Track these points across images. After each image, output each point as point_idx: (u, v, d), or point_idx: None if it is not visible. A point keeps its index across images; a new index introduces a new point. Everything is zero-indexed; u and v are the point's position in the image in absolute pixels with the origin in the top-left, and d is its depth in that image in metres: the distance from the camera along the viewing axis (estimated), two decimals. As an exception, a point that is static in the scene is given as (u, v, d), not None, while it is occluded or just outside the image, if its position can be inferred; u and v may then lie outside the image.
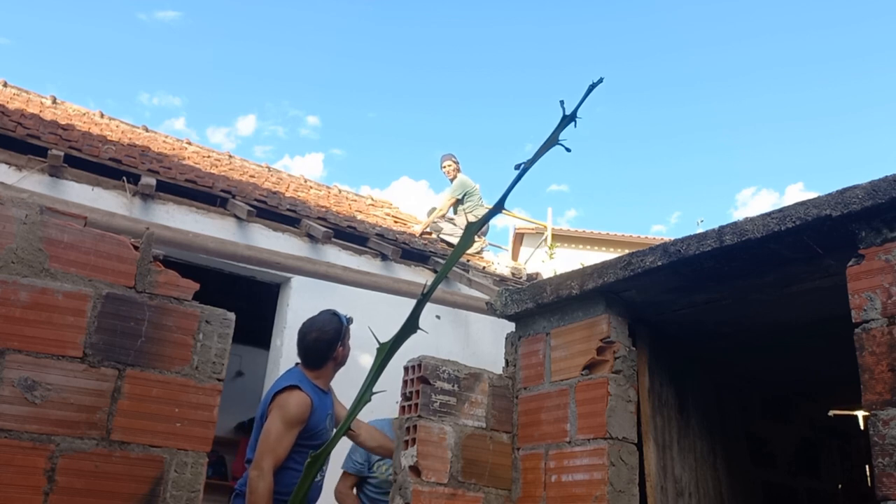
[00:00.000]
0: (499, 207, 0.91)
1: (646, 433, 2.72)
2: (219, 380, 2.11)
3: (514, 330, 3.07)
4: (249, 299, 6.30)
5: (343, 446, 3.66)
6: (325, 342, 3.16)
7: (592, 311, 2.72)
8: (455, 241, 8.36)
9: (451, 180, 8.87)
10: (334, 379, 3.29)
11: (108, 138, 6.91)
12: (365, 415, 3.66)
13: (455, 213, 8.70)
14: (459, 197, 8.56)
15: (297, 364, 3.22)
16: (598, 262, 2.75)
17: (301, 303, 5.73)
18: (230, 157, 9.25)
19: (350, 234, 6.56)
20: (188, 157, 7.80)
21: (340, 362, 3.24)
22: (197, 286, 2.15)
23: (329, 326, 3.18)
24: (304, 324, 3.24)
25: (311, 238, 6.15)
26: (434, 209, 8.83)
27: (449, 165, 8.89)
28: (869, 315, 2.01)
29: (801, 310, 2.66)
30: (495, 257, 9.29)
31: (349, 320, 3.25)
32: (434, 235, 8.45)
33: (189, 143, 9.07)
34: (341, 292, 5.41)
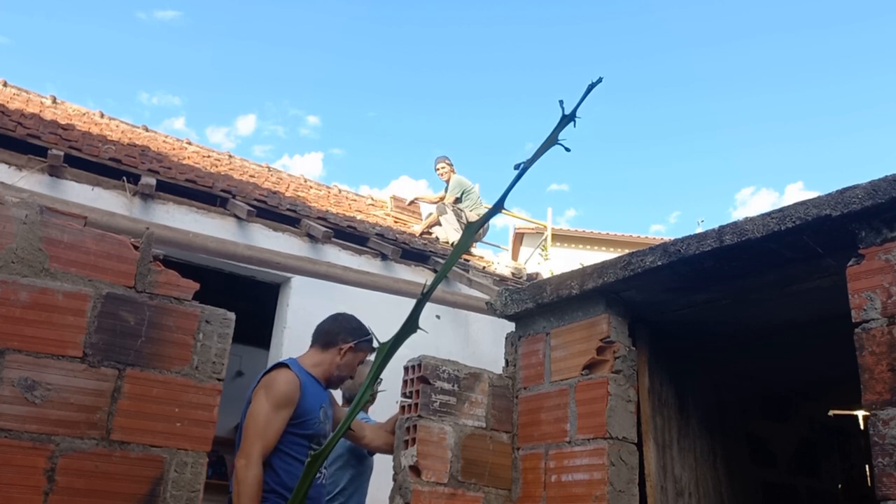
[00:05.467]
0: (499, 207, 0.91)
1: (646, 433, 2.72)
2: (219, 380, 2.12)
3: (514, 330, 3.07)
4: (249, 299, 6.30)
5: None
6: (343, 321, 3.02)
7: (592, 310, 2.72)
8: (444, 237, 8.37)
9: (446, 182, 8.88)
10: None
11: (108, 138, 6.91)
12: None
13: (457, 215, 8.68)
14: (458, 195, 8.55)
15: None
16: (598, 262, 2.75)
17: (301, 303, 5.74)
18: (230, 156, 9.25)
19: (350, 234, 6.56)
20: (188, 157, 7.81)
21: (343, 364, 3.01)
22: (197, 286, 2.15)
23: (354, 319, 3.07)
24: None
25: (311, 238, 6.15)
26: (431, 214, 8.84)
27: (443, 168, 8.89)
28: (869, 315, 2.01)
29: (801, 309, 2.66)
30: (495, 257, 9.29)
31: (371, 343, 3.05)
32: (434, 235, 8.46)
33: (189, 143, 9.08)
34: (341, 292, 5.41)
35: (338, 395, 3.36)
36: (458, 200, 8.57)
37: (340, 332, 3.01)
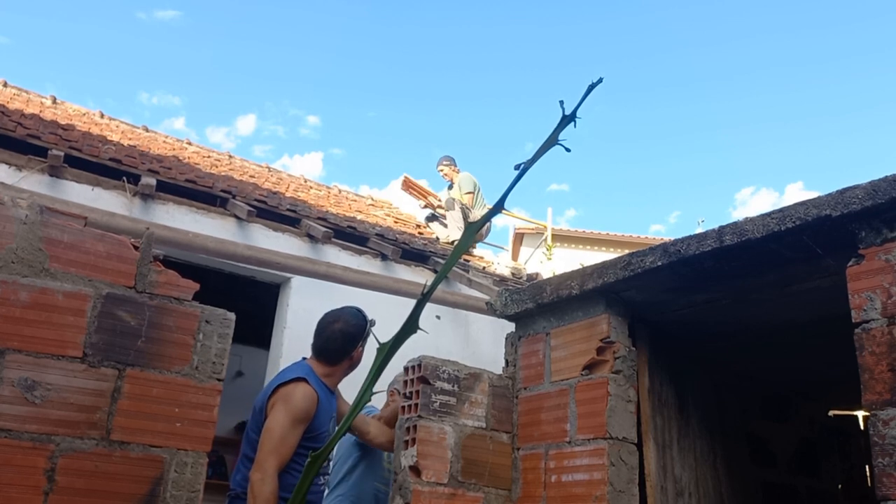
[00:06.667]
0: (499, 207, 0.91)
1: (646, 433, 2.72)
2: (219, 380, 2.11)
3: (514, 330, 3.07)
4: (249, 299, 6.30)
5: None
6: (349, 335, 2.96)
7: (592, 311, 2.72)
8: (445, 237, 8.37)
9: (449, 182, 8.85)
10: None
11: (108, 138, 6.91)
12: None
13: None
14: (471, 190, 8.54)
15: (304, 358, 3.05)
16: (598, 262, 2.75)
17: (301, 303, 5.73)
18: (230, 156, 9.25)
19: (350, 234, 6.56)
20: (188, 157, 7.80)
21: (354, 364, 3.03)
22: (197, 286, 2.15)
23: (355, 321, 3.00)
24: (327, 314, 3.05)
25: (311, 238, 6.15)
26: (439, 208, 8.82)
27: (446, 167, 8.87)
28: (869, 315, 2.01)
29: (801, 309, 2.66)
30: (495, 257, 9.29)
31: (372, 322, 3.05)
32: (432, 231, 8.45)
33: (189, 143, 9.08)
34: (341, 292, 5.40)
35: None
36: (469, 194, 8.51)
37: (349, 341, 2.97)
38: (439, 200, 8.76)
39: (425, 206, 8.91)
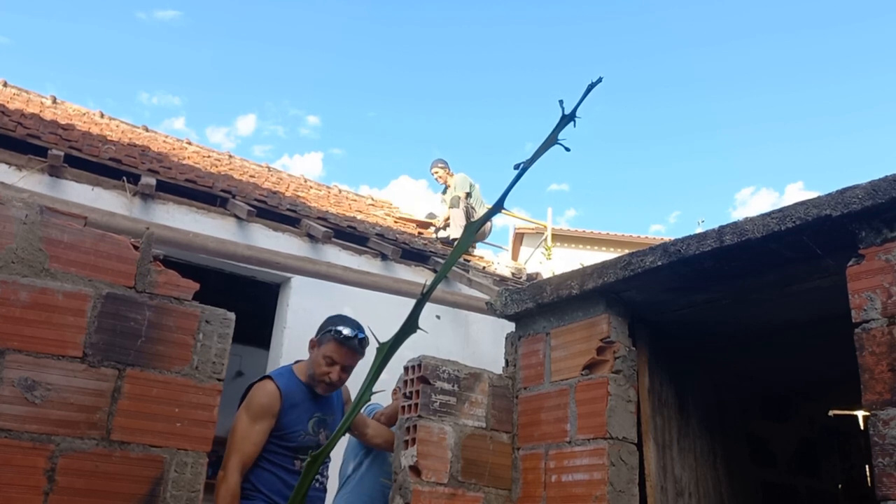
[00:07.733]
0: (498, 207, 0.91)
1: (646, 433, 2.72)
2: (219, 380, 2.11)
3: (514, 330, 3.07)
4: (249, 299, 6.30)
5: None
6: (320, 326, 2.98)
7: (592, 310, 2.72)
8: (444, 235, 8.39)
9: (444, 184, 8.88)
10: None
11: (108, 138, 6.91)
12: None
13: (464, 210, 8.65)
14: (468, 191, 8.58)
15: (297, 361, 3.09)
16: (598, 262, 2.75)
17: (301, 303, 5.74)
18: (230, 156, 9.25)
19: (350, 234, 6.57)
20: (188, 157, 7.81)
21: (309, 363, 2.94)
22: (197, 286, 2.15)
23: (330, 319, 2.99)
24: None
25: (311, 238, 6.15)
26: (432, 215, 8.86)
27: (440, 169, 8.90)
28: (869, 315, 2.01)
29: (801, 309, 2.66)
30: (495, 257, 9.31)
31: (338, 333, 2.84)
32: (443, 235, 8.46)
33: (189, 143, 9.08)
34: (341, 292, 5.41)
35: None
36: (468, 195, 8.57)
37: (317, 332, 2.99)
38: (444, 200, 8.78)
39: (430, 227, 8.94)
